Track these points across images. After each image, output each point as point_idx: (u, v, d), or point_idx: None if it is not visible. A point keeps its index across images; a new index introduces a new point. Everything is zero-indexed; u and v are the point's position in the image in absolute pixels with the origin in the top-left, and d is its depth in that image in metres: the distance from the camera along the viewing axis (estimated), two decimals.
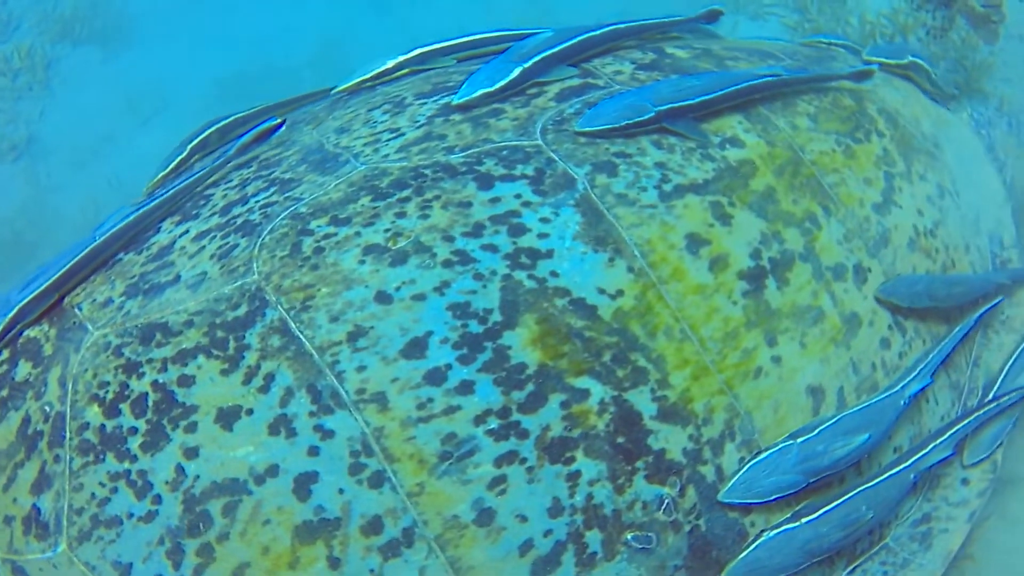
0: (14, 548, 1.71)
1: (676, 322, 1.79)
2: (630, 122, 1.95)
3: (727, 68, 2.29)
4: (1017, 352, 2.37)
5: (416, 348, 1.66)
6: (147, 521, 1.62)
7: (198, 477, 1.62)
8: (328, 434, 1.62)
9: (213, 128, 2.25)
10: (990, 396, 2.29)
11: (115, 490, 1.63)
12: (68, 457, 1.67)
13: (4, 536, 1.72)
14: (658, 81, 2.11)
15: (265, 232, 1.78)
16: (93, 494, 1.65)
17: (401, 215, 1.78)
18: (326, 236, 1.76)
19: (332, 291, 1.70)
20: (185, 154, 2.20)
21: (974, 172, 2.62)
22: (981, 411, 2.20)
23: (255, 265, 1.74)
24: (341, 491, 1.60)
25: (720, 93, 2.07)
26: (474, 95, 2.01)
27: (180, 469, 1.62)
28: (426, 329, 1.67)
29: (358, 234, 1.75)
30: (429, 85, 2.17)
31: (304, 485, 1.60)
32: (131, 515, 1.62)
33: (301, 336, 1.66)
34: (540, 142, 1.92)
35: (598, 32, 2.24)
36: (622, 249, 1.80)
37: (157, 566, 1.61)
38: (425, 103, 2.07)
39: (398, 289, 1.70)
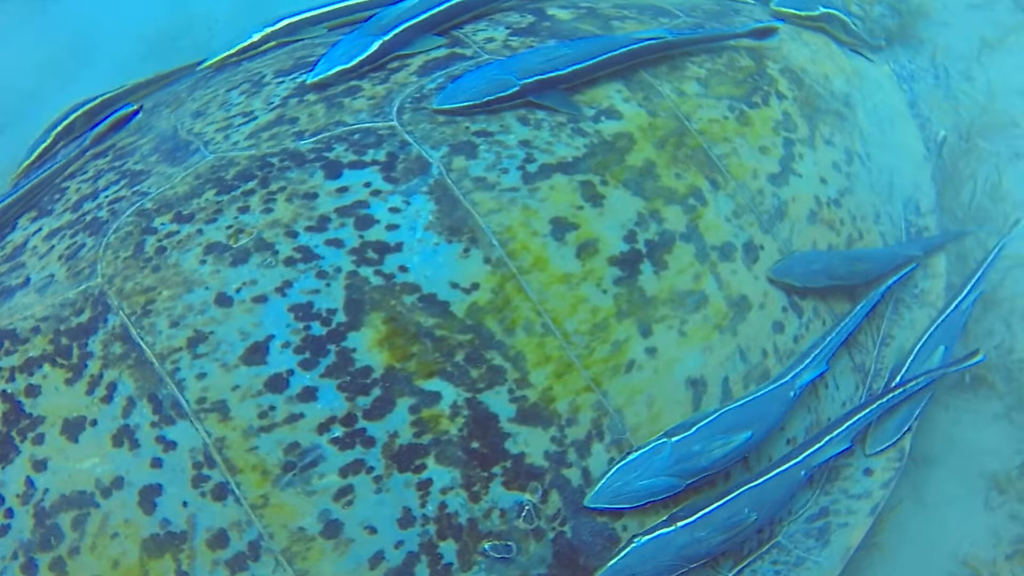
0: None
1: (537, 316, 1.78)
2: (492, 97, 1.91)
3: (612, 29, 2.23)
4: (929, 330, 2.28)
5: (256, 353, 1.66)
6: (0, 535, 1.66)
7: (47, 490, 1.64)
8: (170, 445, 1.63)
9: (78, 112, 2.24)
10: (896, 381, 2.20)
11: None
12: None
13: None
14: (525, 51, 2.06)
15: (111, 231, 1.78)
16: None
17: (244, 209, 1.77)
18: (168, 235, 1.75)
19: (173, 294, 1.70)
20: (49, 141, 2.18)
21: (892, 131, 2.56)
22: (883, 399, 2.11)
23: (99, 267, 1.74)
24: (185, 504, 1.62)
25: (593, 61, 2.02)
26: (329, 73, 1.97)
27: (30, 482, 1.65)
28: (267, 333, 1.67)
29: (200, 232, 1.75)
30: (291, 60, 2.14)
31: (149, 498, 1.63)
32: None
33: (141, 343, 1.67)
34: (395, 123, 1.89)
35: None
36: (478, 238, 1.79)
37: None
38: (283, 82, 2.04)
39: (238, 290, 1.70)
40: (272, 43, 2.26)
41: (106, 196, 1.86)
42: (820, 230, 2.17)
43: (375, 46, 2.01)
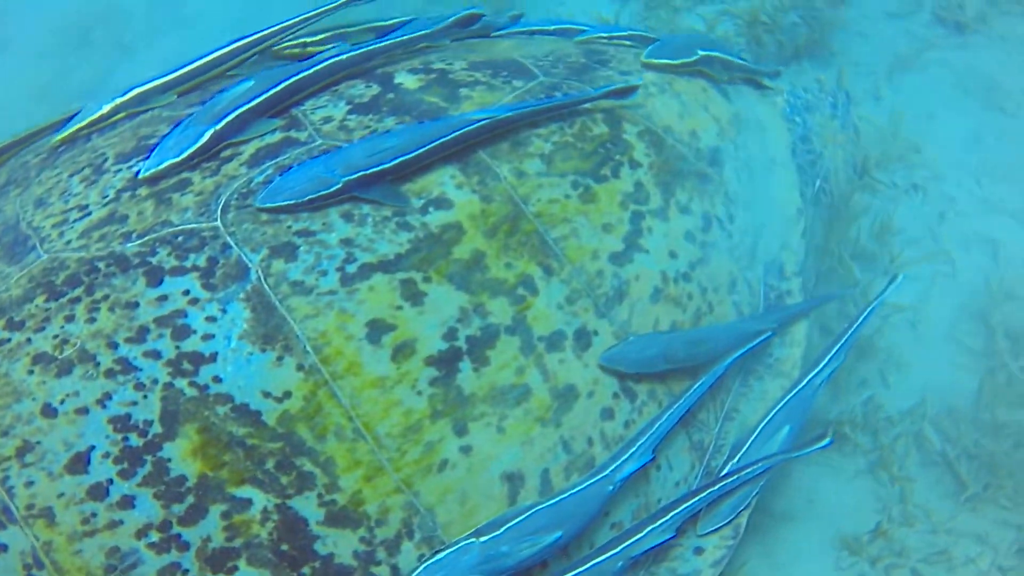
0: None
1: (348, 421, 1.96)
2: (315, 196, 2.06)
3: (459, 99, 2.33)
4: (774, 409, 2.33)
5: (79, 463, 1.88)
6: None
7: None
8: (2, 548, 1.88)
9: None
10: (734, 463, 2.25)
11: None
12: None
13: None
14: (350, 145, 2.16)
15: None
16: None
17: (70, 319, 1.96)
18: (1, 342, 1.97)
19: (3, 404, 1.91)
20: None
21: (764, 184, 2.65)
22: (711, 488, 2.18)
23: None
24: None
25: (419, 152, 2.13)
26: (160, 167, 2.12)
27: None
28: (88, 444, 1.88)
29: (29, 340, 1.95)
30: (134, 140, 2.29)
31: None
32: None
33: None
34: (219, 224, 2.05)
35: (308, 72, 2.31)
36: (292, 346, 1.96)
37: None
38: (120, 170, 2.19)
39: (62, 402, 1.91)
40: (122, 114, 2.41)
41: None
42: (664, 308, 2.30)
43: (206, 136, 2.15)
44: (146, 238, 2.03)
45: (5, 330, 1.96)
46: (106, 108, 2.40)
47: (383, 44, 2.46)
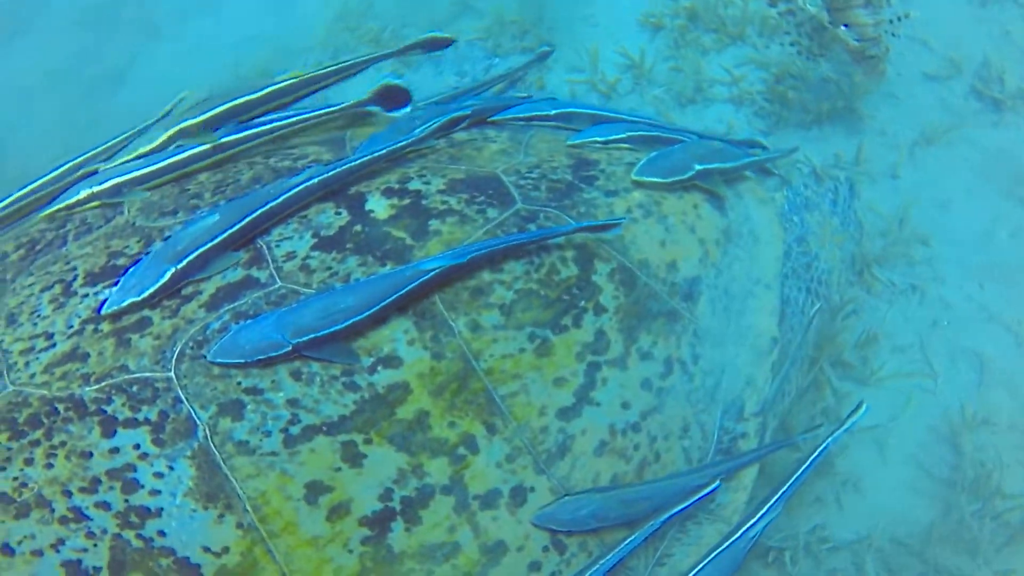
0: None
1: None
2: (264, 357, 2.16)
3: (426, 233, 2.37)
4: (701, 563, 2.40)
5: None
6: None
7: None
8: None
9: None
10: None
11: None
12: None
13: None
14: (301, 304, 2.21)
15: None
16: None
17: (29, 462, 2.13)
18: None
19: None
20: None
21: (742, 311, 2.66)
22: None
23: None
24: None
25: (373, 311, 2.20)
26: (121, 305, 2.23)
27: None
28: None
29: None
30: (104, 256, 2.38)
31: None
32: None
33: None
34: (172, 375, 2.17)
35: (275, 203, 2.35)
36: (233, 504, 2.12)
37: None
38: (87, 295, 2.31)
39: (20, 543, 2.10)
40: (96, 203, 2.51)
41: None
42: (608, 460, 2.39)
43: (167, 276, 2.24)
44: (103, 383, 2.17)
45: None
46: (83, 194, 2.51)
47: (358, 162, 2.47)
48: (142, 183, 2.55)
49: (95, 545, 2.09)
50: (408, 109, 2.80)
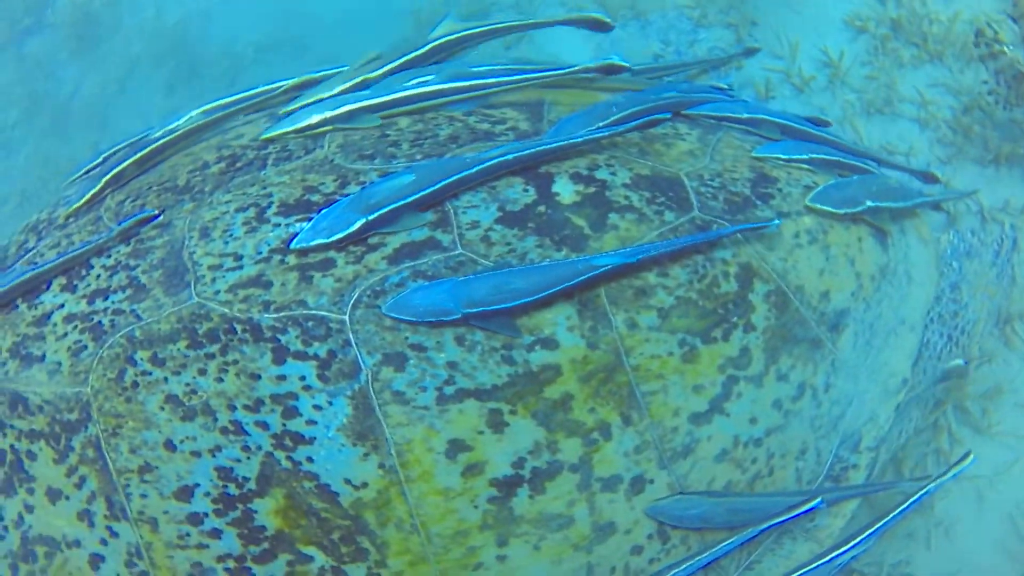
0: None
1: (409, 518, 2.35)
2: (434, 320, 2.33)
3: (606, 225, 2.47)
4: (792, 573, 2.57)
5: (185, 493, 2.34)
6: None
7: (31, 526, 2.46)
8: (114, 535, 2.39)
9: (128, 161, 2.73)
10: None
11: None
12: None
13: None
14: (475, 277, 2.35)
15: (105, 346, 2.41)
16: None
17: (202, 372, 2.34)
18: (143, 373, 2.36)
19: (135, 427, 2.36)
20: (99, 188, 2.72)
21: (881, 349, 2.74)
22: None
23: (91, 378, 2.40)
24: (118, 574, 2.43)
25: (541, 296, 2.34)
26: (310, 244, 2.40)
27: (21, 517, 2.47)
28: (195, 481, 2.33)
29: (166, 380, 2.35)
30: (299, 189, 2.54)
31: (95, 563, 2.43)
32: None
33: (107, 456, 2.37)
34: (346, 319, 2.35)
35: (468, 173, 2.47)
36: (379, 447, 2.32)
37: (2, 571, 2.55)
38: (279, 224, 2.48)
39: (182, 442, 2.34)
40: (329, 128, 2.73)
41: (112, 301, 2.45)
42: (725, 467, 2.55)
43: (357, 225, 2.38)
44: (281, 314, 2.35)
45: (149, 363, 2.36)
46: (315, 118, 2.67)
47: (553, 146, 2.57)
48: (376, 111, 2.68)
49: (248, 458, 2.31)
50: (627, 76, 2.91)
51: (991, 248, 2.99)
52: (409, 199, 2.43)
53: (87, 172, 2.94)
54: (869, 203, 2.68)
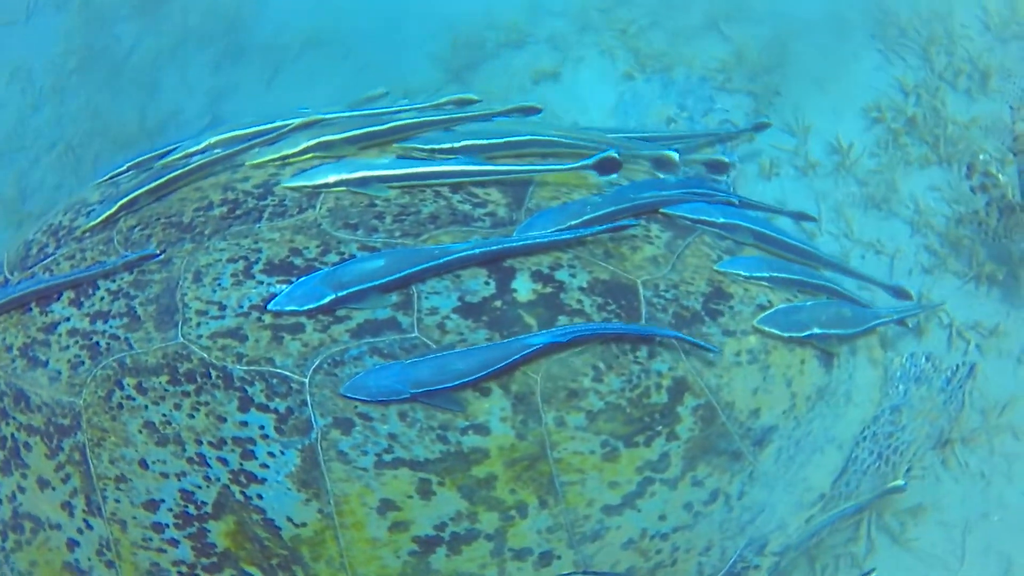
0: None
1: (339, 557, 2.77)
2: (385, 400, 2.71)
3: (555, 322, 2.80)
4: None
5: (151, 505, 2.79)
6: None
7: (21, 503, 2.95)
8: (89, 527, 2.86)
9: (142, 190, 3.11)
10: None
11: None
12: None
13: None
14: (421, 360, 2.69)
15: (99, 366, 2.84)
16: None
17: (177, 407, 2.76)
18: (128, 397, 2.79)
19: (116, 442, 2.80)
20: (113, 210, 3.11)
21: (804, 465, 3.04)
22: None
23: (84, 392, 2.83)
24: (89, 559, 2.91)
25: (480, 375, 2.68)
26: (284, 310, 2.77)
27: (14, 494, 2.96)
28: (161, 497, 2.78)
29: (146, 408, 2.78)
30: (286, 249, 2.90)
31: (71, 546, 2.91)
32: None
33: (90, 462, 2.83)
34: (306, 381, 2.74)
35: (436, 264, 2.79)
36: (320, 495, 2.73)
37: None
38: (262, 283, 2.85)
39: (154, 463, 2.78)
40: (309, 156, 3.16)
41: (111, 326, 2.87)
42: (630, 554, 2.91)
43: (327, 300, 2.75)
44: (251, 368, 2.75)
45: (135, 389, 2.79)
46: (331, 178, 3.05)
47: (520, 244, 2.88)
48: (387, 182, 3.03)
49: (208, 486, 2.75)
50: (614, 177, 3.19)
51: (943, 375, 3.22)
52: (376, 283, 2.78)
53: (112, 178, 3.35)
54: (817, 330, 2.95)
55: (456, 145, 3.18)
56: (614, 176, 3.19)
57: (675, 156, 3.41)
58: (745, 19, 4.22)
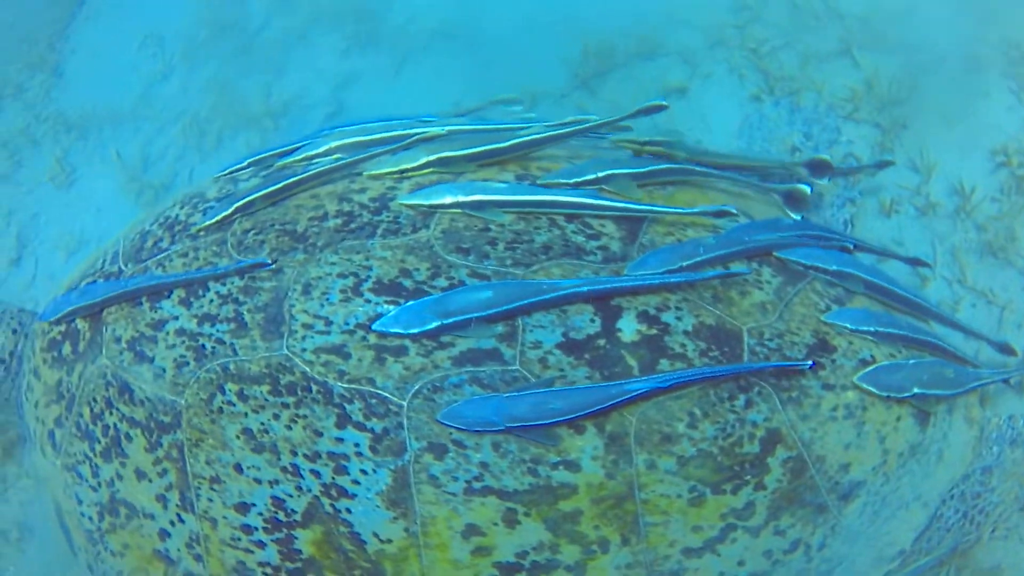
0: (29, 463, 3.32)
1: (420, 574, 2.88)
2: (480, 430, 2.78)
3: (656, 367, 2.84)
4: None
5: (243, 508, 2.91)
6: (93, 491, 3.17)
7: (119, 490, 3.09)
8: (181, 521, 3.00)
9: (258, 194, 3.17)
10: None
11: (82, 462, 3.17)
12: (67, 426, 3.19)
13: (40, 434, 3.35)
14: (519, 395, 2.75)
15: (203, 368, 2.94)
16: (75, 457, 3.18)
17: (276, 417, 2.86)
18: (228, 403, 2.90)
19: (213, 444, 2.91)
20: (229, 212, 3.17)
21: (888, 520, 3.07)
22: None
23: (186, 393, 2.95)
24: (179, 550, 3.05)
25: (577, 415, 2.75)
26: (389, 332, 2.85)
27: (112, 480, 3.10)
28: (252, 501, 2.90)
29: (246, 415, 2.88)
30: (396, 269, 2.96)
31: (163, 536, 3.05)
32: (86, 482, 3.17)
33: (187, 461, 2.95)
34: (405, 404, 2.81)
35: (541, 299, 2.83)
36: (408, 515, 2.82)
37: (90, 514, 3.20)
38: (369, 301, 2.92)
39: (248, 468, 2.89)
40: (429, 170, 3.21)
41: (217, 330, 2.97)
42: None
43: (432, 327, 2.81)
44: (352, 386, 2.83)
45: (236, 396, 2.90)
46: (447, 200, 3.09)
47: (628, 285, 2.90)
48: (503, 207, 3.07)
49: (299, 496, 2.86)
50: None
51: None
52: (482, 314, 2.84)
53: (231, 173, 3.43)
54: (916, 390, 2.96)
55: (600, 175, 3.19)
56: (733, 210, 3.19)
57: (807, 191, 3.40)
58: (878, 48, 4.13)
